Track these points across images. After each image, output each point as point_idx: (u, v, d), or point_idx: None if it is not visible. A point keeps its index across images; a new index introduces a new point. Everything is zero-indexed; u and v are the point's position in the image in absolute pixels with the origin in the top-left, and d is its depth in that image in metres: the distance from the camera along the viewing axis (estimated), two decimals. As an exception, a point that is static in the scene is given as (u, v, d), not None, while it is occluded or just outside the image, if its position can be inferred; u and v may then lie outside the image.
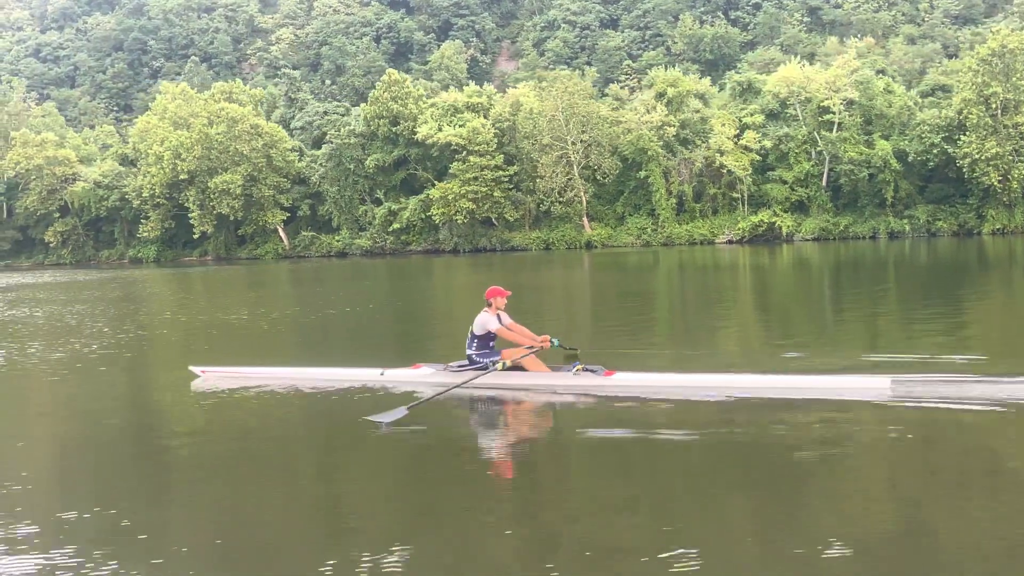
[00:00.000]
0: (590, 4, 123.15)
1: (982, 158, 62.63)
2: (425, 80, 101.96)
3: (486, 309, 11.81)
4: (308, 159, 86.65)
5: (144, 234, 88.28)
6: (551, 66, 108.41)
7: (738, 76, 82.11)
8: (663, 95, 74.11)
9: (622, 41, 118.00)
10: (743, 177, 70.90)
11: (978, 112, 62.80)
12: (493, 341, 11.82)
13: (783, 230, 70.00)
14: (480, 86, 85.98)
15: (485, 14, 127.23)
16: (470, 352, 11.78)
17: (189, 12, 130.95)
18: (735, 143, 71.63)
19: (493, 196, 75.76)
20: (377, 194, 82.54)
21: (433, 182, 78.87)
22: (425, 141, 77.70)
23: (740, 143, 71.69)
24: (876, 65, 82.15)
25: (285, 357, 15.55)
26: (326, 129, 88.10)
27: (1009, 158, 63.06)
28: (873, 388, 10.32)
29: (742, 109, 75.02)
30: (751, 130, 71.94)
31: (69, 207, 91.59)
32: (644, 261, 50.20)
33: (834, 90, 69.70)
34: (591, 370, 11.27)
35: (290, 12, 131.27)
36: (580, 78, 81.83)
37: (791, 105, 72.45)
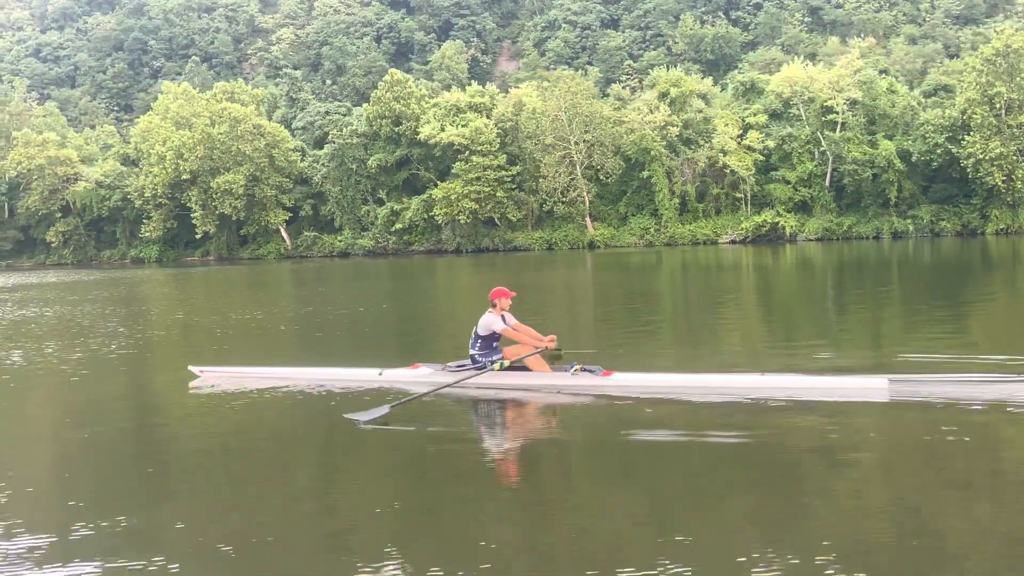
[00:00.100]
0: (591, 4, 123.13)
1: (986, 158, 62.65)
2: (426, 80, 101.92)
3: (491, 310, 11.81)
4: (310, 159, 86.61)
5: (146, 234, 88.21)
6: (552, 66, 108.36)
7: (741, 76, 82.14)
8: (666, 95, 74.13)
9: (623, 41, 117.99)
10: (746, 177, 70.90)
11: (982, 112, 62.81)
12: (497, 342, 11.80)
13: (786, 230, 69.97)
14: (482, 86, 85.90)
15: (486, 14, 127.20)
16: (473, 352, 11.78)
17: (189, 12, 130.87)
18: (738, 143, 71.63)
19: (496, 196, 75.73)
20: (379, 194, 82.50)
21: (435, 182, 78.86)
22: (428, 141, 77.67)
23: (743, 143, 71.69)
24: (878, 65, 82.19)
25: (287, 357, 15.54)
26: (327, 129, 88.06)
27: (1013, 158, 63.10)
28: (870, 388, 10.35)
29: (745, 109, 75.02)
30: (754, 130, 71.93)
31: (71, 207, 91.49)
32: (647, 261, 50.15)
33: (837, 90, 69.68)
34: (589, 370, 11.29)
35: (290, 12, 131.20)
36: (583, 78, 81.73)
37: (794, 105, 72.45)
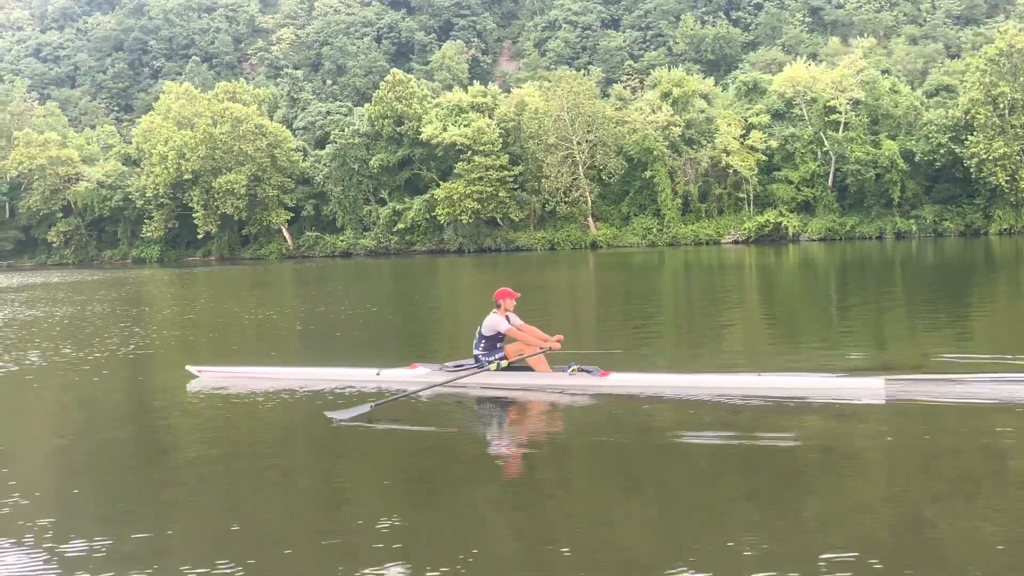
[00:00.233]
0: (591, 4, 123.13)
1: (989, 158, 62.69)
2: (426, 80, 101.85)
3: (495, 311, 11.81)
4: (312, 159, 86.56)
5: (147, 234, 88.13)
6: (552, 66, 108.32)
7: (743, 76, 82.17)
8: (669, 95, 74.16)
9: (623, 41, 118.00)
10: (749, 177, 70.91)
11: (986, 112, 62.86)
12: (501, 342, 11.78)
13: (789, 230, 69.99)
14: (484, 86, 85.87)
15: (486, 14, 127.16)
16: (477, 352, 11.78)
17: (189, 12, 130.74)
18: (741, 143, 71.66)
19: (498, 196, 75.72)
20: (381, 194, 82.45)
21: (438, 182, 78.84)
22: (430, 141, 77.63)
23: (746, 143, 71.71)
24: (880, 66, 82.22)
25: (288, 357, 15.50)
26: (329, 129, 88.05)
27: (1017, 158, 63.18)
28: (867, 388, 10.34)
29: (748, 109, 75.07)
30: (757, 130, 71.98)
31: (72, 207, 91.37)
32: (649, 261, 50.13)
33: (840, 90, 69.71)
34: (586, 370, 11.25)
35: (291, 12, 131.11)
36: (585, 78, 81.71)
37: (797, 105, 72.47)
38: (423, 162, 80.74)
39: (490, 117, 78.57)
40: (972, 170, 64.00)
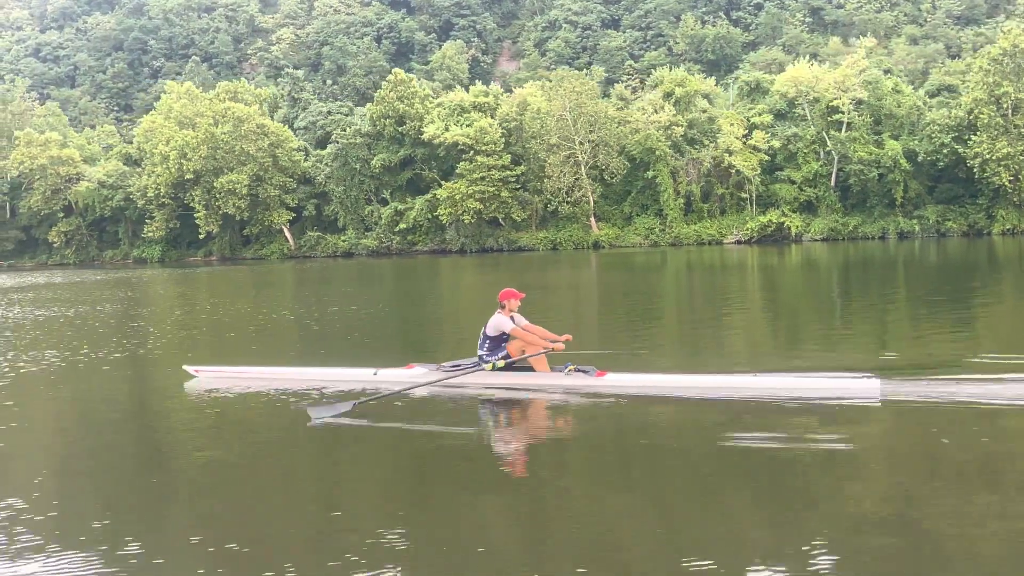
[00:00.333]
0: (591, 4, 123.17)
1: (993, 158, 62.73)
2: (426, 80, 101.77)
3: (499, 311, 11.82)
4: (314, 159, 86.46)
5: (149, 234, 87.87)
6: (552, 66, 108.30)
7: (746, 76, 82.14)
8: (671, 95, 74.12)
9: (624, 41, 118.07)
10: (751, 177, 70.88)
11: (989, 112, 62.91)
12: (505, 343, 11.80)
13: (792, 230, 69.93)
14: (486, 86, 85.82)
15: (486, 14, 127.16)
16: (481, 352, 11.80)
17: (189, 12, 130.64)
18: (743, 143, 71.64)
19: (500, 196, 75.59)
20: (383, 194, 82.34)
21: (439, 182, 78.73)
22: (432, 141, 77.56)
23: (749, 143, 71.69)
24: (882, 66, 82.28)
25: (287, 357, 15.47)
26: (330, 129, 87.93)
27: (1020, 158, 63.15)
28: (862, 388, 10.36)
29: (750, 109, 75.06)
30: (759, 130, 71.96)
31: (73, 207, 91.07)
32: (651, 261, 50.08)
33: (843, 90, 69.72)
34: (583, 371, 11.29)
35: (290, 12, 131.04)
36: (587, 78, 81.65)
37: (799, 105, 72.48)
38: (425, 162, 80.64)
39: (492, 117, 78.47)
40: (975, 170, 64.02)
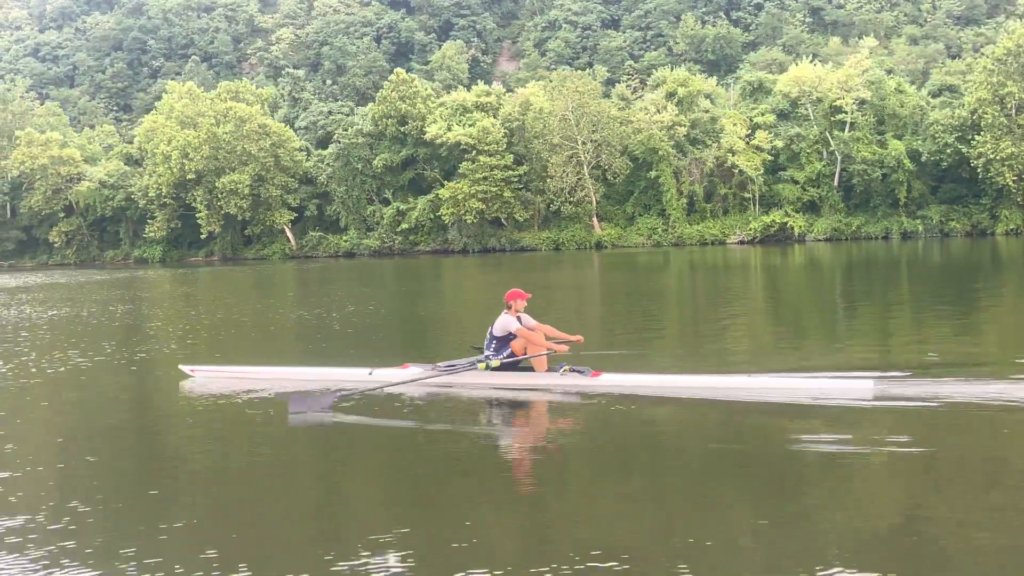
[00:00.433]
0: (591, 4, 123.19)
1: (997, 158, 62.78)
2: (426, 80, 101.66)
3: (506, 311, 11.83)
4: (315, 159, 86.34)
5: (150, 234, 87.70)
6: (552, 66, 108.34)
7: (748, 76, 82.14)
8: (673, 95, 74.10)
9: (624, 41, 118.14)
10: (754, 177, 70.87)
11: (993, 112, 62.96)
12: (511, 343, 11.81)
13: (795, 230, 70.02)
14: (488, 86, 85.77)
15: (486, 14, 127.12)
16: (488, 353, 11.81)
17: (188, 12, 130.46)
18: (746, 143, 71.63)
19: (503, 196, 75.53)
20: (385, 194, 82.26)
21: (441, 182, 78.68)
22: (434, 141, 77.48)
23: (752, 143, 71.69)
24: (883, 66, 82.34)
25: (287, 357, 15.44)
26: (331, 129, 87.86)
27: (1024, 158, 63.24)
28: (856, 388, 10.38)
29: (753, 109, 75.08)
30: (762, 130, 71.96)
31: (74, 207, 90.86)
32: (654, 261, 50.08)
33: (846, 90, 69.77)
34: (578, 371, 11.32)
35: (290, 12, 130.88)
36: (590, 77, 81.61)
37: (802, 105, 72.51)
38: (427, 162, 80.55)
39: (494, 117, 78.44)
40: (979, 170, 64.08)
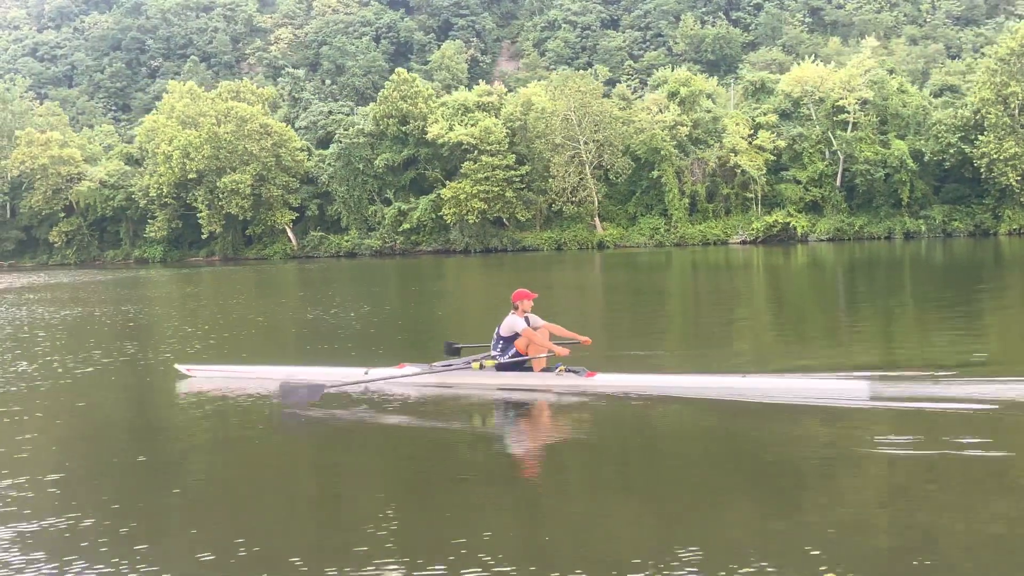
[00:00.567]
0: (591, 4, 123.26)
1: (1000, 158, 62.84)
2: (426, 80, 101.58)
3: (513, 312, 11.85)
4: (316, 159, 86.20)
5: (151, 234, 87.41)
6: (552, 66, 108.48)
7: (750, 75, 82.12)
8: (676, 94, 74.07)
9: (623, 41, 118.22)
10: (757, 177, 70.86)
11: (996, 112, 63.00)
12: (515, 342, 11.85)
13: (797, 230, 70.04)
14: (490, 85, 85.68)
15: (485, 14, 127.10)
16: (494, 353, 11.83)
17: (187, 11, 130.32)
18: (749, 143, 71.62)
19: (505, 196, 75.44)
20: (386, 194, 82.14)
21: (443, 182, 78.58)
22: (435, 141, 77.39)
23: (754, 143, 71.68)
24: (884, 66, 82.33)
25: (286, 357, 15.41)
26: (331, 129, 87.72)
27: (1028, 158, 63.24)
28: (850, 389, 10.42)
29: (755, 109, 75.08)
30: (764, 130, 71.95)
31: (74, 207, 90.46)
32: (656, 261, 50.09)
33: (848, 90, 69.78)
34: (573, 371, 11.36)
35: (289, 12, 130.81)
36: (592, 77, 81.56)
37: (804, 105, 72.53)
38: (428, 162, 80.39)
39: (496, 116, 78.35)
40: (982, 170, 64.13)
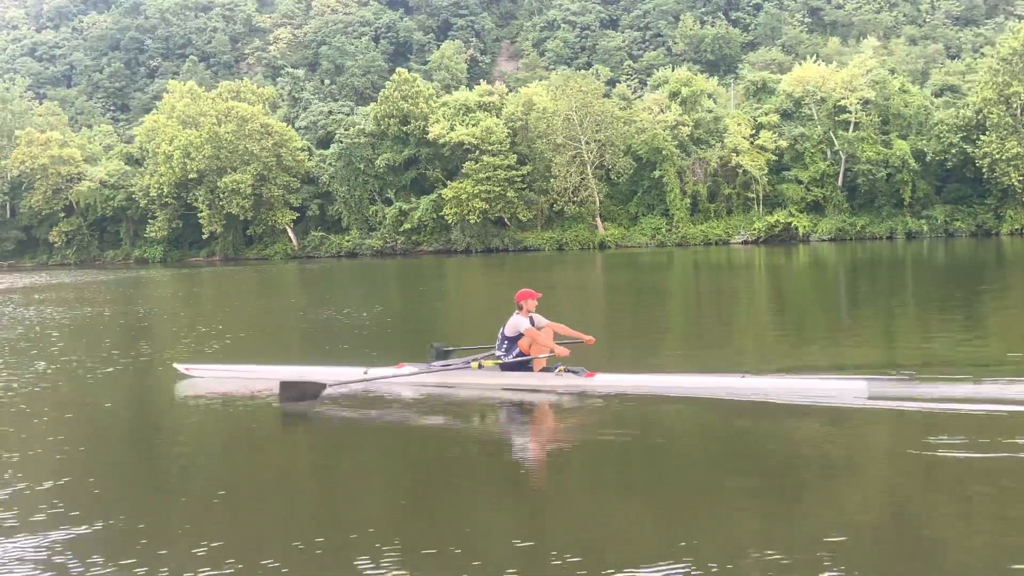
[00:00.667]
0: (590, 4, 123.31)
1: (1002, 158, 62.88)
2: (425, 80, 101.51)
3: (517, 312, 11.84)
4: (317, 159, 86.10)
5: (151, 234, 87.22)
6: (551, 66, 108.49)
7: (752, 75, 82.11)
8: (677, 94, 74.05)
9: (622, 41, 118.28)
10: (758, 177, 70.86)
11: (999, 111, 63.04)
12: (519, 341, 11.84)
13: (799, 230, 70.02)
14: (491, 85, 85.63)
15: (484, 14, 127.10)
16: (499, 353, 11.82)
17: (186, 11, 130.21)
18: (750, 143, 71.61)
19: (506, 196, 75.35)
20: (387, 194, 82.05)
21: (444, 182, 78.51)
22: (436, 141, 77.31)
23: (756, 143, 71.67)
24: (885, 66, 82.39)
25: (286, 357, 15.40)
26: (331, 129, 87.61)
27: (1030, 158, 63.29)
28: (850, 389, 10.43)
29: (756, 109, 75.08)
30: (766, 130, 71.95)
31: (74, 207, 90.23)
32: (657, 261, 50.05)
33: (850, 89, 69.80)
34: (573, 371, 11.40)
35: (288, 11, 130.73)
36: (593, 77, 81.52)
37: (806, 105, 72.55)
38: (429, 162, 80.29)
39: (497, 116, 78.28)
40: (984, 170, 64.16)
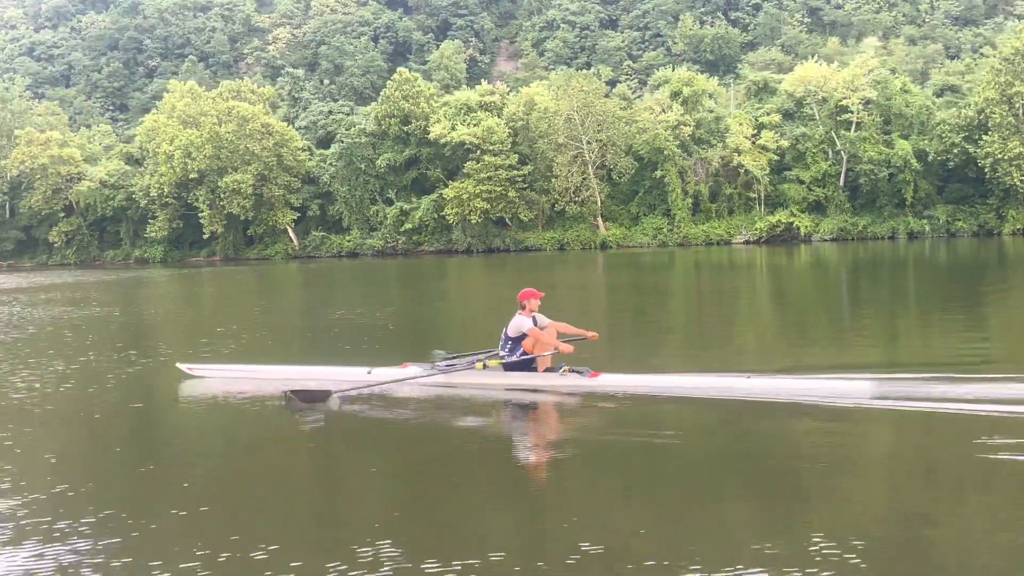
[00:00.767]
0: (589, 4, 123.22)
1: (1004, 158, 62.90)
2: (425, 80, 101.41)
3: (520, 311, 11.84)
4: (318, 159, 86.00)
5: (151, 234, 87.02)
6: (551, 66, 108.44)
7: (753, 75, 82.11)
8: (678, 94, 74.03)
9: (622, 41, 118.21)
10: (760, 177, 70.86)
11: (1001, 111, 63.07)
12: (522, 341, 11.82)
13: (801, 230, 70.02)
14: (492, 85, 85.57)
15: (484, 14, 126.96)
16: (503, 354, 11.80)
17: (185, 11, 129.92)
18: (752, 143, 71.60)
19: (507, 196, 75.29)
20: (388, 194, 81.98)
21: (445, 182, 78.44)
22: (438, 140, 77.22)
23: (757, 143, 71.66)
24: (886, 65, 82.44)
25: (286, 356, 15.36)
26: (331, 129, 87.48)
27: (1032, 158, 63.30)
28: (853, 389, 10.42)
29: (758, 108, 75.08)
30: (768, 130, 71.93)
31: (74, 207, 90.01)
32: (659, 261, 50.05)
33: (852, 89, 69.80)
34: (577, 371, 11.41)
35: (287, 11, 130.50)
36: (594, 77, 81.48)
37: (807, 105, 72.55)
38: (430, 161, 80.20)
39: (499, 116, 78.21)
40: (986, 170, 64.17)
